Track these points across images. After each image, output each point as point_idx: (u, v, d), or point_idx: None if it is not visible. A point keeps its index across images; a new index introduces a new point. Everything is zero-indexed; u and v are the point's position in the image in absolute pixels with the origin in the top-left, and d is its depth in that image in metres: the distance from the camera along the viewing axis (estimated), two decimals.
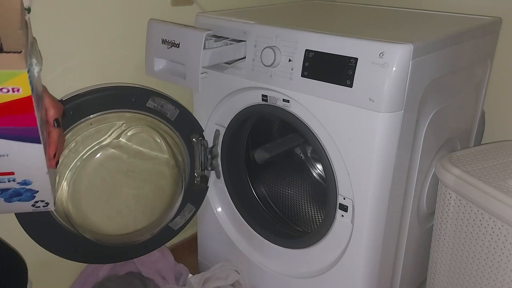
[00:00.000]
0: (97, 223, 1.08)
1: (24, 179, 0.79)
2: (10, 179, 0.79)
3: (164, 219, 1.18)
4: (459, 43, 1.01)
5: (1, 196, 0.81)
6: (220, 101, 1.13)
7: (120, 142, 1.07)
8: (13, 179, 0.79)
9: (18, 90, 0.69)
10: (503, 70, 1.31)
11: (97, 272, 1.20)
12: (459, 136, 1.19)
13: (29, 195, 0.82)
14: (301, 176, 1.39)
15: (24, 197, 0.82)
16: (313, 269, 1.09)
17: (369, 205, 0.93)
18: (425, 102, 0.94)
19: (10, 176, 0.78)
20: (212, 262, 1.33)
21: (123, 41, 1.14)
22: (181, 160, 1.17)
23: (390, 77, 0.82)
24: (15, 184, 0.80)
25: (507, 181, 0.95)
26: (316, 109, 0.94)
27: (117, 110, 1.04)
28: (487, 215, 0.94)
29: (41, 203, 0.85)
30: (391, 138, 0.88)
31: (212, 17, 1.10)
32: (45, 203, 0.85)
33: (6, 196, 0.81)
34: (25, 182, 0.79)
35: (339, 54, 0.88)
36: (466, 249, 1.01)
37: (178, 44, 0.96)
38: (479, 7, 1.32)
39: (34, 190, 0.82)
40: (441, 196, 1.06)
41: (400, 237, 1.07)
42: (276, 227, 1.23)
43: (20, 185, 0.80)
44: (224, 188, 1.24)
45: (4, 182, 0.78)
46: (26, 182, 0.79)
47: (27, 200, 0.83)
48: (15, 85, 0.68)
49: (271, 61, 0.96)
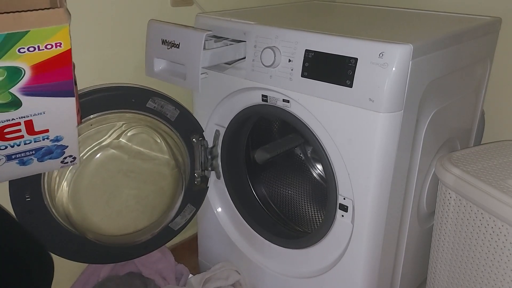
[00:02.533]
0: (98, 223, 1.08)
1: (56, 136, 0.83)
2: (45, 137, 0.82)
3: (164, 220, 1.18)
4: (459, 43, 1.01)
5: (35, 156, 0.84)
6: (220, 102, 1.13)
7: (120, 143, 1.07)
8: (47, 136, 0.82)
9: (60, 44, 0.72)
10: (503, 70, 1.31)
11: (98, 273, 1.20)
12: (459, 136, 1.19)
13: (59, 151, 0.85)
14: (301, 176, 1.39)
15: (55, 155, 0.86)
16: (313, 269, 1.09)
17: (369, 205, 0.93)
18: (425, 102, 0.94)
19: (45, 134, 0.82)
20: (213, 262, 1.33)
21: (123, 41, 1.14)
22: (181, 160, 1.17)
23: (390, 77, 0.82)
24: (48, 142, 0.83)
25: (507, 181, 0.95)
26: (316, 109, 0.94)
27: (117, 110, 1.05)
28: (487, 215, 0.94)
29: (69, 158, 0.89)
30: (391, 138, 0.88)
31: (212, 18, 1.10)
32: (72, 158, 0.90)
33: (39, 156, 0.84)
34: (57, 138, 0.83)
35: (339, 54, 0.88)
36: (466, 249, 1.01)
37: (178, 44, 0.96)
38: (479, 7, 1.32)
39: (64, 146, 0.85)
40: (441, 196, 1.06)
41: (400, 237, 1.07)
42: (276, 227, 1.23)
43: (52, 142, 0.83)
44: (224, 188, 1.24)
45: (38, 141, 0.82)
46: (58, 138, 0.83)
47: (57, 157, 0.88)
48: (58, 39, 0.71)
49: (271, 61, 0.96)
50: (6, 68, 0.70)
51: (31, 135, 0.80)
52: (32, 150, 0.82)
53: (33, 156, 0.84)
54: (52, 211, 1.02)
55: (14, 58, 0.69)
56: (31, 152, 0.83)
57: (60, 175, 1.01)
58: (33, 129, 0.79)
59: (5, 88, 0.72)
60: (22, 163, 0.84)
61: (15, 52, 0.69)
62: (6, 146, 0.79)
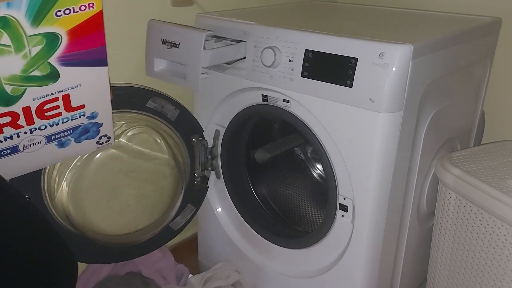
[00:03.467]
0: (98, 223, 1.08)
1: (92, 112, 0.80)
2: (81, 114, 0.80)
3: (164, 219, 1.18)
4: (459, 43, 1.01)
5: (72, 136, 0.82)
6: (220, 101, 1.13)
7: (120, 142, 1.07)
8: (83, 113, 0.80)
9: (93, 5, 0.70)
10: (503, 70, 1.31)
11: (98, 272, 1.20)
12: (459, 136, 1.19)
13: (95, 130, 0.83)
14: (301, 176, 1.39)
15: (91, 134, 0.83)
16: (314, 269, 1.09)
17: (369, 205, 0.93)
18: (425, 102, 0.94)
19: (81, 110, 0.79)
20: (213, 262, 1.33)
21: (123, 41, 1.14)
22: (181, 160, 1.17)
23: (390, 77, 0.82)
24: (84, 119, 0.81)
25: (507, 181, 0.95)
26: (316, 109, 0.94)
27: (117, 110, 1.04)
28: (487, 215, 0.94)
29: (104, 138, 0.87)
30: (391, 138, 0.88)
31: (212, 18, 1.10)
32: (107, 137, 0.87)
33: (76, 136, 0.82)
34: (92, 115, 0.81)
35: (339, 54, 0.88)
36: (466, 249, 1.01)
37: (178, 44, 0.96)
38: (479, 7, 1.32)
39: (99, 124, 0.83)
40: (441, 196, 1.06)
41: (400, 237, 1.07)
42: (276, 227, 1.23)
43: (88, 120, 0.80)
44: (224, 188, 1.24)
45: (75, 119, 0.79)
46: (94, 115, 0.81)
47: (93, 137, 0.85)
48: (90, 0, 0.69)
49: (271, 61, 0.96)
50: (45, 35, 0.68)
51: (69, 111, 0.77)
52: (70, 130, 0.79)
53: (71, 136, 0.81)
54: (52, 211, 1.02)
55: (51, 22, 0.67)
56: (69, 131, 0.79)
57: (60, 175, 1.01)
58: (70, 105, 0.76)
59: (44, 57, 0.69)
60: (61, 145, 0.81)
61: (53, 15, 0.66)
62: (46, 126, 0.76)
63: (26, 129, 0.75)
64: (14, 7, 0.63)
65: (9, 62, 0.67)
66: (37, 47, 0.68)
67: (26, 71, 0.69)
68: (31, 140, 0.77)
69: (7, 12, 0.63)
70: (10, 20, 0.64)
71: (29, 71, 0.70)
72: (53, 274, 0.82)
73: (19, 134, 0.75)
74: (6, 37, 0.65)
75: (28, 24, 0.65)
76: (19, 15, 0.64)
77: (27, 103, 0.72)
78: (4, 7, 0.62)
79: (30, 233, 0.78)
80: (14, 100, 0.71)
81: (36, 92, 0.72)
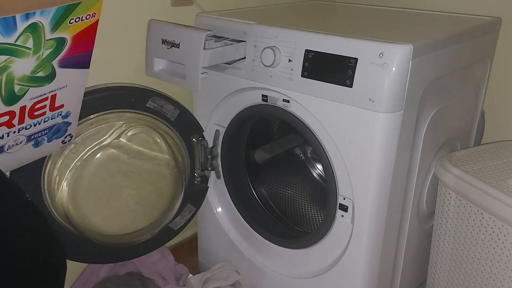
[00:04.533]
0: (97, 223, 1.08)
1: (67, 111, 0.83)
2: (59, 113, 0.82)
3: (164, 219, 1.18)
4: (459, 43, 1.01)
5: (46, 136, 0.84)
6: (220, 101, 1.13)
7: (120, 143, 1.07)
8: (61, 112, 0.83)
9: (94, 15, 0.75)
10: (503, 70, 1.31)
11: (97, 272, 1.20)
12: (459, 136, 1.19)
13: (64, 129, 0.87)
14: (301, 176, 1.39)
15: (60, 133, 0.87)
16: (313, 269, 1.09)
17: (369, 205, 0.93)
18: (425, 102, 0.94)
19: (60, 109, 0.82)
20: (212, 262, 1.33)
21: (123, 41, 1.14)
22: (181, 160, 1.17)
23: (390, 77, 0.82)
24: (60, 118, 0.84)
25: (507, 181, 0.95)
26: (316, 109, 0.94)
27: (117, 110, 1.05)
28: (487, 215, 0.94)
29: (68, 137, 0.89)
30: (391, 138, 0.88)
31: (212, 18, 1.10)
32: (70, 136, 0.89)
33: (50, 135, 0.85)
34: (66, 114, 0.84)
35: (339, 54, 0.88)
36: (466, 249, 1.01)
37: (178, 44, 0.96)
38: (479, 7, 1.32)
39: (69, 123, 0.86)
40: (441, 196, 1.06)
41: (400, 237, 1.07)
42: (276, 227, 1.23)
43: (62, 119, 0.83)
44: (224, 188, 1.24)
45: (54, 118, 0.82)
46: (67, 114, 0.85)
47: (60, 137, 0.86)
48: (94, 10, 0.74)
49: (271, 61, 0.96)
50: (56, 40, 0.71)
51: (51, 111, 0.79)
52: (47, 129, 0.82)
53: (45, 136, 0.84)
54: (52, 211, 1.02)
55: (65, 29, 0.71)
56: (45, 131, 0.82)
57: (60, 175, 1.01)
58: (54, 105, 0.79)
59: (51, 59, 0.73)
60: (36, 145, 0.83)
61: (67, 23, 0.71)
62: (31, 125, 0.78)
63: (15, 128, 0.77)
64: (45, 14, 0.67)
65: (25, 63, 0.71)
66: (48, 50, 0.72)
67: (35, 72, 0.73)
68: (16, 140, 0.79)
69: (39, 18, 0.67)
70: (39, 26, 0.68)
71: (37, 72, 0.73)
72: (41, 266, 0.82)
73: (9, 133, 0.77)
74: (31, 41, 0.69)
75: (49, 30, 0.70)
76: (45, 22, 0.68)
77: (25, 102, 0.75)
78: (38, 15, 0.66)
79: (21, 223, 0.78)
80: (17, 99, 0.74)
81: (34, 92, 0.75)
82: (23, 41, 0.67)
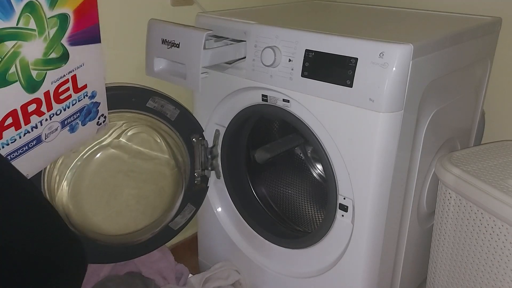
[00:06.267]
0: (98, 223, 1.08)
1: (92, 91, 0.83)
2: (85, 94, 0.82)
3: (164, 219, 1.18)
4: (459, 43, 1.01)
5: (79, 119, 0.85)
6: (220, 101, 1.13)
7: (120, 142, 1.07)
8: (86, 93, 0.83)
9: None
10: (503, 70, 1.31)
11: (98, 272, 1.20)
12: (459, 136, 1.19)
13: (95, 110, 0.87)
14: (301, 176, 1.39)
15: (93, 115, 0.88)
16: (313, 269, 1.09)
17: (369, 205, 0.93)
18: (425, 102, 0.94)
19: (85, 90, 0.82)
20: (213, 262, 1.33)
21: (123, 41, 1.14)
22: (181, 160, 1.17)
23: (390, 77, 0.82)
24: (87, 99, 0.85)
25: (507, 181, 0.95)
26: (316, 109, 0.94)
27: (117, 110, 1.04)
28: (487, 215, 0.94)
29: (102, 118, 0.89)
30: (391, 138, 0.88)
31: (213, 17, 1.10)
32: (104, 117, 0.89)
33: (82, 118, 0.86)
34: (93, 94, 0.84)
35: (339, 54, 0.88)
36: (466, 249, 1.01)
37: (178, 44, 0.96)
38: (479, 7, 1.32)
39: (98, 103, 0.86)
40: (441, 196, 1.06)
41: (400, 237, 1.07)
42: (276, 227, 1.23)
43: (90, 100, 0.83)
44: (224, 188, 1.24)
45: (81, 100, 0.81)
46: (94, 94, 0.85)
47: (94, 118, 0.87)
48: None
49: (271, 61, 0.96)
50: (58, 17, 0.71)
51: (76, 92, 0.80)
52: (77, 112, 0.82)
53: (78, 119, 0.84)
54: None
55: (64, 3, 0.71)
56: (77, 114, 0.82)
57: (60, 174, 1.01)
58: (77, 86, 0.79)
59: (59, 39, 0.73)
60: (71, 130, 0.84)
61: None
62: (60, 110, 0.79)
63: (46, 116, 0.78)
64: None
65: (35, 46, 0.71)
66: (53, 29, 0.72)
67: (47, 54, 0.73)
68: (50, 127, 0.80)
69: None
70: (35, 4, 0.67)
71: (48, 53, 0.73)
72: (60, 271, 0.83)
73: (42, 122, 0.77)
74: (32, 22, 0.68)
75: (47, 6, 0.69)
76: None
77: (47, 87, 0.75)
78: None
79: (42, 228, 0.79)
80: (38, 85, 0.74)
81: (53, 75, 0.75)
82: (25, 23, 0.67)
